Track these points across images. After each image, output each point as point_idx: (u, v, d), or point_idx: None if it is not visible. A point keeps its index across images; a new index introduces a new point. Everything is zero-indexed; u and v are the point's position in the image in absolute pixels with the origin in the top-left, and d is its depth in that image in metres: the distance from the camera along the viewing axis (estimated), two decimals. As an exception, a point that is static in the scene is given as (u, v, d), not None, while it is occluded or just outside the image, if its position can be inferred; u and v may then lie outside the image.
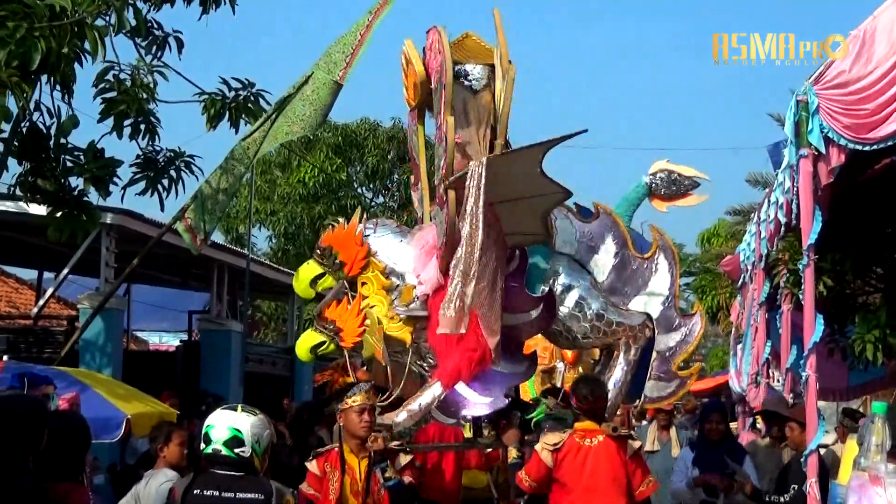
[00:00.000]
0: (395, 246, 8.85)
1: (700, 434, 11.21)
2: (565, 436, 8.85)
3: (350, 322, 8.53)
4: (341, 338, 8.58)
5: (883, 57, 7.70)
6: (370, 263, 8.60)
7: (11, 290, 27.61)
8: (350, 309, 8.53)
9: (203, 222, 11.86)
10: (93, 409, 10.32)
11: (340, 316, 8.56)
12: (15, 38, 8.48)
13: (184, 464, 8.87)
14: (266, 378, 22.66)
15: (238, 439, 6.34)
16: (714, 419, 10.99)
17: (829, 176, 8.15)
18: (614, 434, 8.75)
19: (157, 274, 22.49)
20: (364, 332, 8.60)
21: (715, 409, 11.71)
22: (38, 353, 16.48)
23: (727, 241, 29.92)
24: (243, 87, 11.39)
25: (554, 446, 8.73)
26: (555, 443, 8.76)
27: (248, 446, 6.36)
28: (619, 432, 8.87)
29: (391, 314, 8.62)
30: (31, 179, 10.15)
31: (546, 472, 8.78)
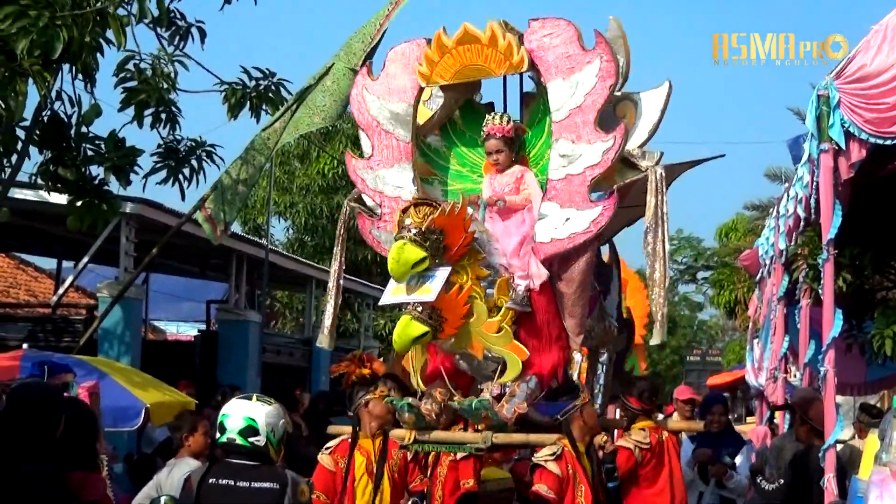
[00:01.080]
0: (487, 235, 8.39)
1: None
2: (647, 434, 9.62)
3: (455, 312, 7.75)
4: (443, 328, 7.72)
5: (905, 51, 7.68)
6: (471, 251, 7.98)
7: (31, 279, 27.71)
8: (458, 298, 7.77)
9: (223, 213, 11.86)
10: (111, 397, 10.37)
11: (448, 305, 7.71)
12: (37, 26, 8.50)
13: (207, 453, 8.88)
14: (284, 369, 22.71)
15: (253, 428, 6.36)
16: (717, 411, 11.07)
17: (850, 170, 8.14)
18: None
19: (175, 263, 22.55)
20: (463, 324, 7.87)
21: (717, 401, 11.77)
22: (57, 342, 16.54)
23: (745, 235, 29.85)
24: (264, 77, 11.39)
25: (646, 444, 9.55)
26: (647, 441, 9.56)
27: (262, 435, 6.37)
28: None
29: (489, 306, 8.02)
30: (52, 168, 10.17)
31: (634, 467, 9.54)
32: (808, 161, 8.73)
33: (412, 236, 7.48)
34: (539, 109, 8.76)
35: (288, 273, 24.09)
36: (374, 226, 8.76)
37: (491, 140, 8.51)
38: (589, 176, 8.15)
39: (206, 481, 6.41)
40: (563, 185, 8.24)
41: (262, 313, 22.10)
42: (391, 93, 8.72)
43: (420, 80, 8.60)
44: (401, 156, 8.69)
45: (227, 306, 21.12)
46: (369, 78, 8.81)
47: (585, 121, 8.17)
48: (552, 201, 8.28)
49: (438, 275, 7.55)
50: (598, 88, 8.12)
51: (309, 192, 33.68)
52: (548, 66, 8.31)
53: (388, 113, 8.71)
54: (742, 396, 28.31)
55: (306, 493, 6.51)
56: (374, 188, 8.74)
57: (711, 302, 33.91)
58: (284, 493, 6.32)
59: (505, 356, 7.90)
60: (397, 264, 7.50)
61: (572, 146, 8.20)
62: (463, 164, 8.95)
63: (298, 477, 6.54)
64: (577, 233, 8.21)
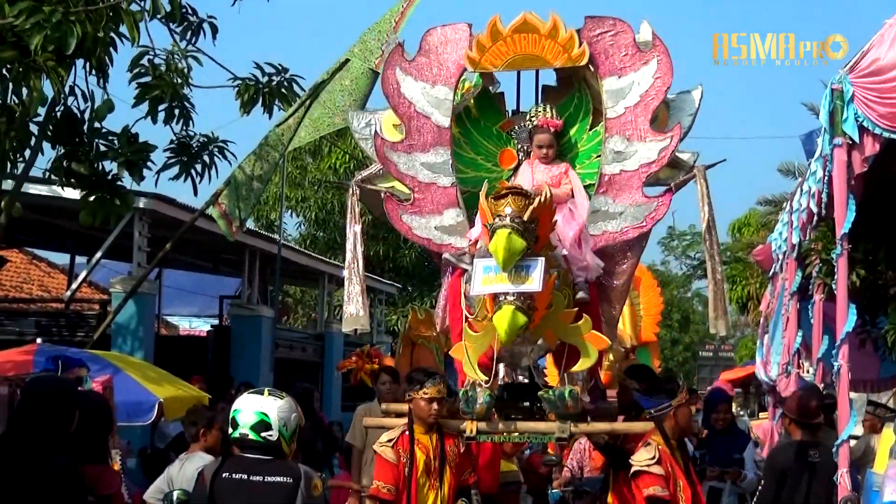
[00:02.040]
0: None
1: (706, 423, 11.22)
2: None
3: (543, 302, 7.56)
4: (534, 318, 7.48)
5: (919, 45, 7.67)
6: (549, 242, 7.81)
7: (44, 274, 27.78)
8: (547, 288, 7.53)
9: (238, 209, 11.91)
10: (125, 392, 10.41)
11: (540, 295, 7.46)
12: (51, 22, 8.52)
13: (220, 449, 8.90)
14: (296, 363, 22.75)
15: (265, 423, 6.36)
16: (722, 409, 11.06)
17: (863, 165, 8.13)
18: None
19: (188, 259, 22.61)
20: (545, 314, 7.68)
21: (723, 399, 11.76)
22: (70, 337, 16.60)
23: (758, 230, 29.81)
24: (277, 73, 11.37)
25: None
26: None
27: (275, 430, 6.37)
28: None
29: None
30: (66, 163, 10.19)
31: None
32: (821, 156, 8.72)
33: (515, 225, 7.21)
34: (572, 104, 8.86)
35: (300, 268, 24.13)
36: (404, 211, 8.69)
37: (542, 133, 8.62)
38: (644, 173, 8.40)
39: (219, 476, 6.41)
40: (616, 179, 8.42)
41: (275, 308, 22.15)
42: (429, 75, 8.66)
43: (468, 64, 8.60)
44: (438, 140, 8.64)
45: (240, 301, 21.17)
46: (404, 58, 8.71)
47: (641, 119, 8.37)
48: (605, 195, 8.47)
49: (536, 265, 7.34)
50: (654, 89, 8.35)
51: (321, 186, 33.71)
52: (605, 63, 8.45)
53: (426, 95, 8.64)
54: (755, 392, 28.28)
55: (319, 487, 6.51)
56: (406, 172, 8.65)
57: (724, 297, 33.85)
58: (298, 488, 6.32)
59: (580, 346, 7.86)
60: (508, 253, 7.18)
61: (626, 143, 8.40)
62: (478, 153, 8.93)
63: (311, 471, 6.55)
64: (631, 226, 8.46)
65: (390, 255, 32.92)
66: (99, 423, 7.18)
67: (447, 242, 8.65)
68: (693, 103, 8.57)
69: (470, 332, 7.91)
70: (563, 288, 7.91)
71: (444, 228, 8.65)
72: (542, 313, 7.54)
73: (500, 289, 7.33)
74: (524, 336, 7.64)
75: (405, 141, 8.62)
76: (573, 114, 8.86)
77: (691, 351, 63.40)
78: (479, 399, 8.02)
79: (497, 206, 7.33)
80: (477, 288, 7.57)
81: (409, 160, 8.59)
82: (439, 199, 8.62)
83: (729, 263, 29.31)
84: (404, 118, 8.65)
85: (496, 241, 7.18)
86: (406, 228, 8.70)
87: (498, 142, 8.96)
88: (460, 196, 8.60)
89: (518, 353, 8.04)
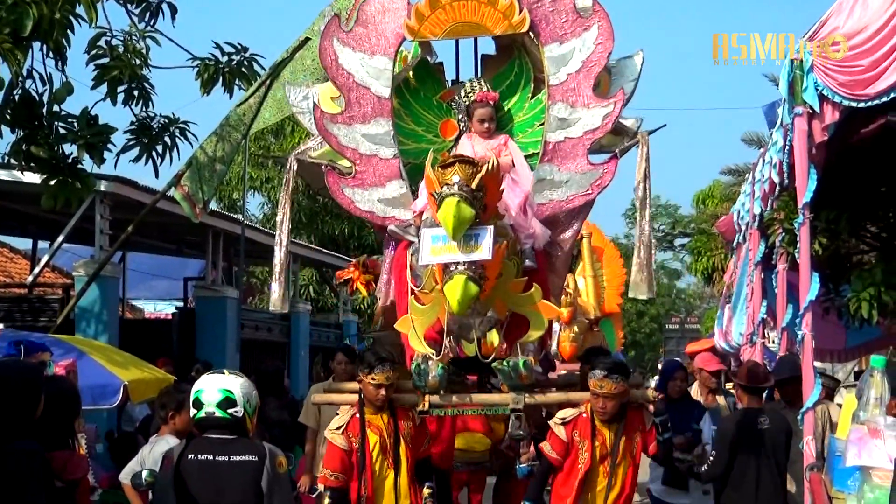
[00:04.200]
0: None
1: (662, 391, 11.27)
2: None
3: (493, 271, 7.45)
4: (485, 288, 7.39)
5: (877, 12, 7.73)
6: (497, 210, 7.68)
7: (6, 260, 27.60)
8: (497, 257, 7.41)
9: (201, 191, 11.85)
10: (90, 375, 10.36)
11: (491, 264, 7.35)
12: (6, 3, 8.44)
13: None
14: (262, 344, 22.71)
15: (230, 400, 6.42)
16: (679, 377, 11.05)
17: (824, 134, 8.19)
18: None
19: (152, 241, 22.50)
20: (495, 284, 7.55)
21: (679, 367, 11.77)
22: (34, 322, 16.51)
23: (722, 202, 29.87)
24: (237, 52, 11.30)
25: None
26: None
27: (240, 406, 6.44)
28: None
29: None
30: (25, 147, 10.09)
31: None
32: (782, 126, 8.77)
33: (464, 194, 7.11)
34: (512, 73, 8.83)
35: (265, 248, 23.93)
36: (346, 184, 8.61)
37: (482, 107, 8.57)
38: (589, 139, 8.38)
39: (184, 458, 6.44)
40: (560, 147, 8.39)
41: (240, 289, 22.08)
42: (368, 45, 8.58)
43: (406, 33, 8.52)
44: (378, 112, 8.54)
45: (205, 283, 21.09)
46: (341, 29, 8.62)
47: (584, 86, 8.35)
48: (550, 163, 8.43)
49: (485, 233, 7.24)
50: (596, 54, 8.33)
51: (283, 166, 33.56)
52: (545, 30, 8.41)
53: (364, 66, 8.56)
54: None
55: (284, 464, 6.55)
56: (347, 145, 8.55)
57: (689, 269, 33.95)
58: (263, 465, 6.37)
59: (530, 315, 7.81)
60: (458, 222, 7.06)
61: (570, 110, 8.38)
62: (418, 124, 8.89)
63: (276, 449, 6.58)
64: (577, 194, 8.44)
65: (355, 234, 32.82)
66: (65, 408, 7.14)
67: (391, 215, 8.57)
68: (635, 69, 8.58)
69: (416, 305, 7.81)
70: (511, 257, 7.83)
71: (388, 201, 8.57)
72: (493, 283, 7.47)
73: (449, 258, 7.26)
74: (474, 307, 7.56)
75: (345, 113, 8.54)
76: (513, 82, 8.84)
77: (658, 323, 63.70)
78: (431, 372, 7.98)
79: (444, 174, 7.25)
80: (426, 258, 7.49)
81: (350, 132, 8.52)
82: (381, 171, 8.55)
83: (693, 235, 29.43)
84: (343, 89, 8.58)
85: (444, 209, 7.10)
86: (348, 202, 8.63)
87: (438, 112, 8.92)
88: (402, 167, 8.54)
89: (466, 325, 7.88)
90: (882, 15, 7.66)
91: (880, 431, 5.70)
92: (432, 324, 7.83)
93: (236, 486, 6.36)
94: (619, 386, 8.08)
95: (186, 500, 6.42)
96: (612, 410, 8.16)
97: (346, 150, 8.54)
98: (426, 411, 8.27)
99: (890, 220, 10.86)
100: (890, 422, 5.74)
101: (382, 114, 8.53)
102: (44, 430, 6.37)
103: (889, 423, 5.72)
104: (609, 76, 8.57)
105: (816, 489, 6.97)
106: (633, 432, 8.32)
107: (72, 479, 6.82)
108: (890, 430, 5.66)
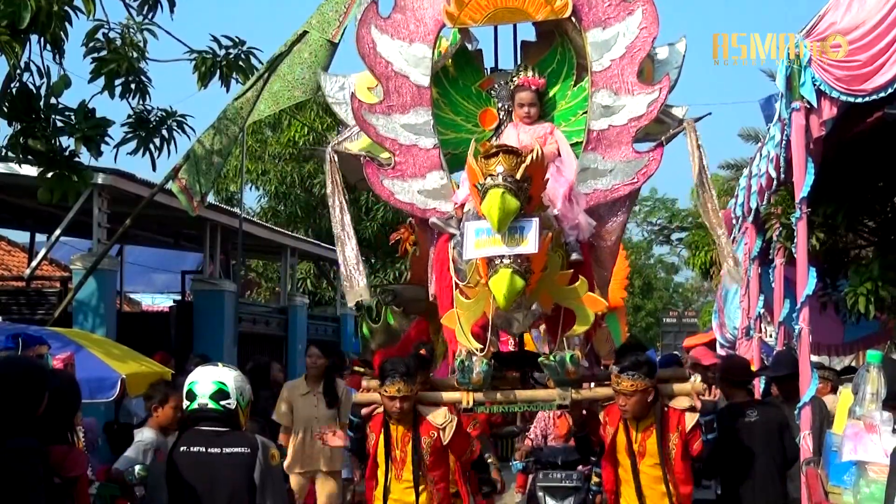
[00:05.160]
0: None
1: None
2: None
3: (539, 264, 7.15)
4: (531, 281, 7.08)
5: (874, 7, 7.72)
6: (542, 202, 7.39)
7: (3, 253, 27.56)
8: (542, 250, 7.09)
9: (199, 184, 11.85)
10: (88, 369, 10.35)
11: (536, 257, 7.04)
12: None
13: (175, 427, 8.93)
14: (260, 338, 22.70)
15: (223, 392, 6.48)
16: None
17: (821, 129, 8.18)
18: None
19: (149, 234, 22.49)
20: (540, 277, 7.26)
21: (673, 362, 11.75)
22: (31, 315, 16.50)
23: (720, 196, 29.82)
24: (234, 46, 11.31)
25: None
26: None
27: (233, 398, 6.50)
28: None
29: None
30: (22, 140, 10.10)
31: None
32: (779, 120, 8.76)
33: (508, 185, 6.84)
34: (554, 60, 8.56)
35: (262, 242, 24.04)
36: (385, 175, 8.27)
37: (524, 92, 8.33)
38: (634, 127, 8.08)
39: (177, 450, 6.52)
40: (604, 135, 8.10)
41: (238, 283, 22.07)
42: (406, 33, 8.27)
43: (446, 19, 8.20)
44: (417, 101, 8.25)
45: (202, 276, 21.07)
46: (379, 16, 8.27)
47: (628, 72, 8.07)
48: (594, 152, 8.14)
49: (530, 226, 6.97)
50: (640, 40, 8.04)
51: (280, 159, 33.57)
52: (588, 15, 8.12)
53: (403, 54, 8.25)
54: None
55: (276, 456, 6.63)
56: (386, 135, 8.23)
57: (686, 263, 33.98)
58: (256, 457, 6.42)
59: (576, 309, 7.57)
60: (503, 214, 6.79)
61: (614, 97, 8.08)
62: (457, 113, 8.61)
63: (268, 441, 6.68)
64: (622, 183, 8.15)
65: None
66: (66, 403, 7.13)
67: (431, 207, 8.24)
68: (678, 56, 8.30)
69: (462, 300, 7.58)
70: (556, 249, 7.55)
71: (428, 192, 8.23)
72: (538, 276, 7.19)
73: (494, 252, 6.99)
74: (520, 301, 7.31)
75: (384, 102, 8.22)
76: (556, 70, 8.54)
77: (654, 317, 63.68)
78: (475, 368, 7.69)
79: (487, 165, 6.97)
80: (470, 252, 7.21)
81: (389, 122, 8.20)
82: (421, 162, 8.22)
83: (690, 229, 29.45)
84: (381, 78, 8.25)
85: (489, 201, 6.83)
86: (388, 193, 8.29)
87: (478, 101, 8.64)
88: (443, 158, 8.25)
89: (511, 319, 7.66)
90: (879, 10, 7.65)
91: (876, 427, 5.70)
92: (478, 319, 7.60)
93: (228, 478, 6.41)
94: (638, 383, 7.72)
95: (179, 492, 6.50)
96: (634, 408, 7.80)
97: (385, 140, 8.24)
98: (470, 409, 8.06)
99: (887, 214, 10.86)
100: (886, 417, 5.74)
101: (422, 103, 8.24)
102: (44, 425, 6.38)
103: (885, 418, 5.73)
104: (652, 64, 8.28)
105: (812, 484, 6.97)
106: (668, 432, 7.91)
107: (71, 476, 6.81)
108: (886, 426, 5.67)
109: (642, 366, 7.81)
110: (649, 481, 7.89)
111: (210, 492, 6.40)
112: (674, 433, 7.90)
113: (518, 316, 7.62)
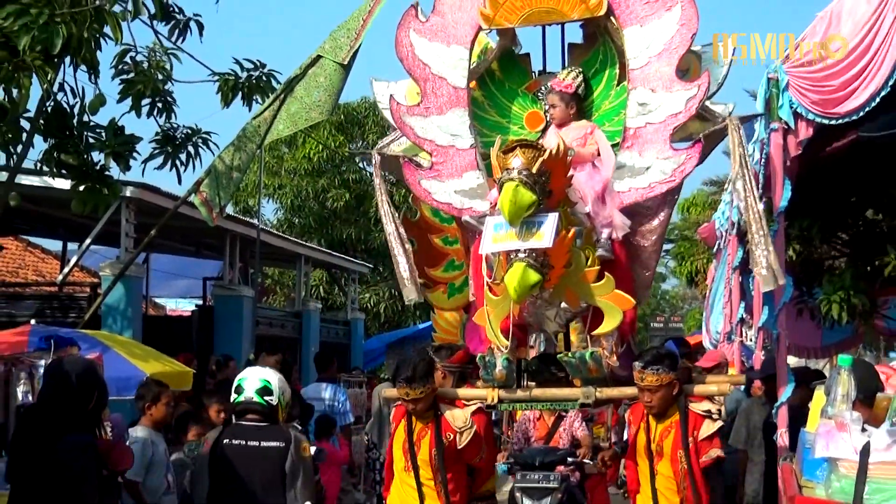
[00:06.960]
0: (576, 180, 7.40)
1: None
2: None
3: (560, 260, 6.84)
4: (550, 277, 6.79)
5: (848, 36, 7.74)
6: (567, 198, 7.08)
7: (38, 260, 27.62)
8: (564, 245, 6.81)
9: (218, 196, 11.85)
10: (114, 368, 10.37)
11: (556, 252, 6.78)
12: (38, 23, 8.46)
13: (169, 421, 9.32)
14: (276, 340, 22.69)
15: (268, 389, 6.90)
16: None
17: (798, 148, 8.22)
18: None
19: (173, 243, 22.50)
20: (564, 273, 6.95)
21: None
22: (63, 318, 16.50)
23: (704, 210, 29.87)
24: (255, 68, 11.40)
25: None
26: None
27: (275, 396, 6.90)
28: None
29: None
30: (56, 155, 10.13)
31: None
32: (758, 140, 8.79)
33: (523, 178, 6.59)
34: (597, 60, 8.22)
35: (278, 251, 24.04)
36: (423, 176, 8.02)
37: (551, 94, 8.02)
38: (671, 124, 7.61)
39: (220, 442, 6.87)
40: (641, 132, 7.64)
41: (255, 289, 22.06)
42: (444, 35, 8.03)
43: (482, 21, 7.98)
44: (455, 102, 8.00)
45: (222, 283, 21.07)
46: (418, 20, 8.08)
47: (666, 69, 7.62)
48: (630, 150, 7.69)
49: (547, 220, 6.68)
50: (679, 36, 7.59)
51: (296, 174, 33.63)
52: (625, 13, 7.74)
53: (441, 56, 8.01)
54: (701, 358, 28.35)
55: (308, 449, 6.92)
56: (424, 136, 8.01)
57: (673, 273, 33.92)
58: (288, 450, 6.75)
59: (603, 307, 7.18)
60: (515, 206, 6.54)
61: (651, 95, 7.63)
62: (503, 116, 8.35)
63: (301, 435, 7.04)
64: (659, 181, 7.64)
65: (362, 238, 32.91)
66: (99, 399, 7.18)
67: (468, 206, 7.94)
68: (727, 54, 7.81)
69: (490, 297, 7.31)
70: (585, 246, 7.24)
71: (465, 192, 7.94)
72: (560, 272, 6.90)
73: (509, 245, 6.76)
74: (542, 297, 7.08)
75: (422, 104, 8.03)
76: (598, 70, 8.18)
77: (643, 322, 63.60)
78: (497, 364, 7.44)
79: (505, 159, 6.78)
80: (487, 246, 7.01)
81: (426, 123, 7.97)
82: (458, 162, 7.97)
83: (677, 241, 29.44)
84: (420, 81, 8.05)
85: (503, 194, 6.63)
86: (425, 193, 8.03)
87: (524, 103, 8.35)
88: (479, 158, 7.94)
89: (542, 316, 7.40)
90: (852, 38, 7.68)
91: (846, 426, 5.71)
92: (507, 315, 7.27)
93: (263, 470, 6.74)
94: (660, 378, 7.24)
95: (220, 481, 6.81)
96: (658, 403, 7.33)
97: (422, 141, 8.02)
98: (493, 406, 7.75)
99: (859, 228, 10.90)
100: (855, 416, 5.76)
101: (459, 104, 7.99)
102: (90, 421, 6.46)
103: (854, 417, 5.74)
104: (699, 61, 7.88)
105: (787, 478, 6.98)
106: (689, 432, 7.38)
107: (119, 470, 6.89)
108: (855, 425, 5.69)
109: (664, 359, 7.40)
110: (664, 482, 7.47)
111: (247, 481, 6.72)
112: (689, 436, 7.39)
113: (549, 314, 7.38)
